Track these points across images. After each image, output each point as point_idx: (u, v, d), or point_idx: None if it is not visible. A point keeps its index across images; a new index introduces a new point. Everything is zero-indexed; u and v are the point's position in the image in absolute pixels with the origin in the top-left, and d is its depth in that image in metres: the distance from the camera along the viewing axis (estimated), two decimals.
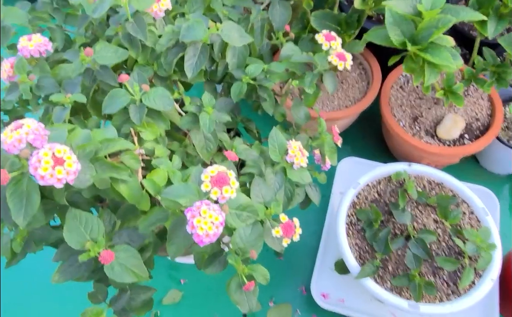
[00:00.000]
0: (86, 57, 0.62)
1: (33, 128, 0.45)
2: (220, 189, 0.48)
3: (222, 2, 0.84)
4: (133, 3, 0.66)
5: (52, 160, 0.42)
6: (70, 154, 0.44)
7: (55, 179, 0.42)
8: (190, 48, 0.69)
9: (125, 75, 0.61)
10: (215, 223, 0.45)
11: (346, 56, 0.78)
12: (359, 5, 0.93)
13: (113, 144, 0.51)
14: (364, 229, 0.82)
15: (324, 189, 0.97)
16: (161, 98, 0.61)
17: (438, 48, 0.78)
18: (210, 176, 0.48)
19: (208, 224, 0.45)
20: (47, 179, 0.42)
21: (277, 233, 0.55)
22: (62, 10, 0.84)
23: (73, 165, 0.43)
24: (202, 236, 0.45)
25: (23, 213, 0.45)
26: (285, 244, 0.56)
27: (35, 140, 0.44)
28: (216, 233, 0.45)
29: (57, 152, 0.43)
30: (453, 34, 1.05)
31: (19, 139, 0.44)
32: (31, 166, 0.42)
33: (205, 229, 0.44)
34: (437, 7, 0.79)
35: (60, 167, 0.42)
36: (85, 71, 0.65)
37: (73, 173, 0.43)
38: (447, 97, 0.95)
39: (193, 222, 0.45)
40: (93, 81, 0.65)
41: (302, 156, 0.65)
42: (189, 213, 0.46)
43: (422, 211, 0.84)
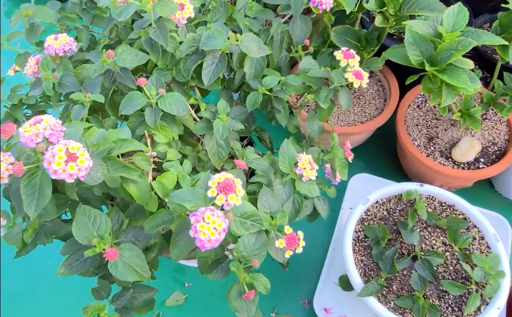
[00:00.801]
0: (108, 59, 0.65)
1: (51, 124, 0.47)
2: (225, 196, 0.49)
3: (244, 13, 0.86)
4: (157, 9, 0.68)
5: (65, 155, 0.44)
6: (83, 151, 0.46)
7: (67, 174, 0.44)
8: (209, 56, 0.71)
9: (143, 79, 0.63)
10: (218, 229, 0.46)
11: (363, 74, 0.78)
12: (380, 23, 0.94)
13: (126, 144, 0.53)
14: (371, 246, 0.82)
15: (334, 203, 0.97)
16: (177, 103, 0.63)
17: (457, 70, 0.78)
18: (217, 182, 0.50)
19: (211, 230, 0.46)
20: (59, 173, 0.44)
21: (280, 244, 0.55)
22: (90, 11, 0.87)
23: (85, 162, 0.45)
24: (204, 241, 0.46)
25: (34, 205, 0.47)
26: (288, 255, 0.57)
27: (51, 136, 0.47)
28: (218, 239, 0.46)
29: (71, 149, 0.45)
30: (474, 56, 1.04)
31: (37, 134, 0.46)
32: (45, 160, 0.44)
33: (207, 234, 0.45)
34: (458, 29, 0.79)
35: (73, 163, 0.44)
36: (106, 72, 0.67)
37: (84, 169, 0.45)
38: (464, 119, 0.95)
39: (196, 226, 0.46)
40: (113, 82, 0.67)
41: (312, 169, 0.65)
42: (193, 217, 0.47)
43: (431, 232, 0.83)
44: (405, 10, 0.88)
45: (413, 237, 0.80)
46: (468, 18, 0.80)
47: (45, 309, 1.01)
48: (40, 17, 0.79)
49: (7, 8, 2.04)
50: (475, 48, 0.82)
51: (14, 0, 2.08)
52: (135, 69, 0.73)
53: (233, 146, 0.71)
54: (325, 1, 0.75)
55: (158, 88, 0.64)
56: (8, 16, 1.97)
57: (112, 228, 0.52)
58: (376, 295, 0.77)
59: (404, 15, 0.89)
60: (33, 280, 1.05)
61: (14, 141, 0.51)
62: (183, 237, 0.51)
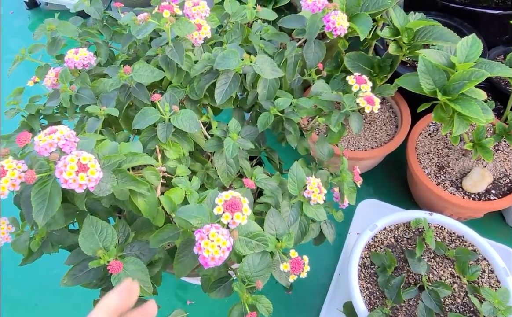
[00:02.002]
0: (125, 74, 0.66)
1: (65, 135, 0.48)
2: (232, 214, 0.49)
3: (259, 36, 0.87)
4: (174, 29, 0.69)
5: (77, 166, 0.45)
6: (95, 162, 0.47)
7: (77, 184, 0.45)
8: (223, 76, 0.72)
9: (158, 95, 0.64)
10: (222, 247, 0.46)
11: (375, 100, 0.78)
12: (393, 50, 0.94)
13: (137, 158, 0.54)
14: (377, 274, 0.81)
15: (341, 227, 0.97)
16: (189, 120, 0.64)
17: (469, 100, 0.78)
18: (224, 200, 0.50)
19: (215, 248, 0.45)
20: (69, 183, 0.45)
21: (285, 268, 0.55)
22: (111, 28, 0.90)
23: (95, 173, 0.46)
24: (207, 259, 0.46)
25: (43, 213, 0.47)
26: (292, 279, 0.56)
27: (65, 146, 0.48)
28: (222, 257, 0.46)
29: (82, 160, 0.46)
30: (488, 87, 1.04)
31: (51, 143, 0.47)
32: (57, 169, 0.45)
33: (211, 252, 0.45)
34: (471, 60, 0.79)
35: (83, 174, 0.45)
36: (122, 87, 0.68)
37: (94, 181, 0.46)
38: (475, 150, 0.94)
39: (200, 243, 0.46)
40: (128, 97, 0.68)
41: (320, 193, 0.65)
42: (198, 234, 0.47)
43: (439, 263, 0.82)
44: (419, 39, 0.89)
45: (420, 266, 0.79)
46: (482, 49, 0.80)
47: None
48: (62, 32, 0.81)
49: (31, 21, 2.12)
50: (488, 80, 0.82)
51: (39, 14, 2.15)
52: (150, 85, 0.75)
53: (242, 165, 0.72)
54: (339, 27, 0.76)
55: (171, 104, 0.65)
56: (32, 29, 2.04)
57: (118, 241, 0.53)
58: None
59: (418, 44, 0.89)
60: (36, 289, 1.06)
61: (28, 150, 0.52)
62: (187, 254, 0.52)
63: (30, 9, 2.19)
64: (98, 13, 0.87)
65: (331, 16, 0.75)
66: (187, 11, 0.75)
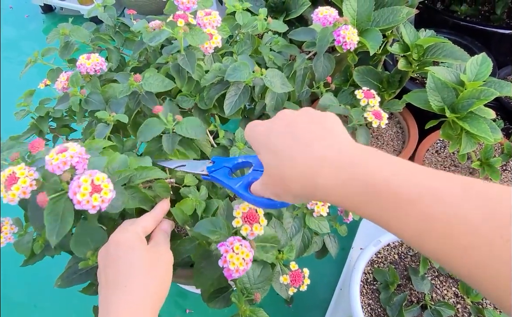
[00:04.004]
0: (135, 82, 0.67)
1: (77, 152, 0.47)
2: (250, 226, 0.50)
3: (270, 47, 0.88)
4: (188, 38, 0.70)
5: (90, 186, 0.45)
6: (108, 182, 0.46)
7: (90, 205, 0.44)
8: (233, 87, 0.72)
9: (160, 107, 0.63)
10: (246, 259, 0.47)
11: (382, 115, 0.78)
12: (403, 66, 0.94)
13: (147, 172, 0.54)
14: (379, 290, 0.80)
15: (344, 242, 0.96)
16: (194, 128, 0.64)
17: (477, 119, 0.78)
18: (242, 212, 0.50)
19: (240, 260, 0.47)
20: (83, 204, 0.44)
21: (284, 280, 0.55)
22: (123, 34, 0.91)
23: (108, 194, 0.45)
24: (232, 271, 0.47)
25: (56, 232, 0.47)
26: (291, 292, 0.56)
27: (78, 164, 0.47)
28: (246, 269, 0.47)
29: (96, 180, 0.45)
30: (497, 107, 1.04)
31: (64, 162, 0.46)
32: (71, 190, 0.45)
33: (236, 264, 0.46)
34: (481, 79, 0.79)
35: (97, 195, 0.45)
36: (131, 94, 0.69)
37: (107, 201, 0.46)
38: (483, 169, 0.93)
39: (226, 256, 0.47)
40: (137, 104, 0.69)
41: (323, 205, 0.65)
42: (222, 247, 0.48)
43: (443, 282, 0.81)
44: (429, 56, 0.89)
45: (423, 285, 0.78)
46: (491, 68, 0.80)
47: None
48: (75, 36, 0.83)
49: (46, 25, 2.16)
50: (497, 99, 0.82)
51: (53, 19, 2.19)
52: (160, 93, 0.75)
53: None
54: (349, 42, 0.76)
55: (174, 114, 0.65)
56: (46, 33, 2.08)
57: None
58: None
59: (428, 60, 0.89)
60: (36, 290, 1.06)
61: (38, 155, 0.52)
62: (206, 266, 0.52)
63: (45, 13, 2.23)
64: (111, 20, 0.88)
65: (342, 30, 0.75)
66: (199, 20, 0.76)
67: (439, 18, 1.29)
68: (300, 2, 1.07)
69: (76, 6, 2.04)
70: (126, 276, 0.44)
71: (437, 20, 1.29)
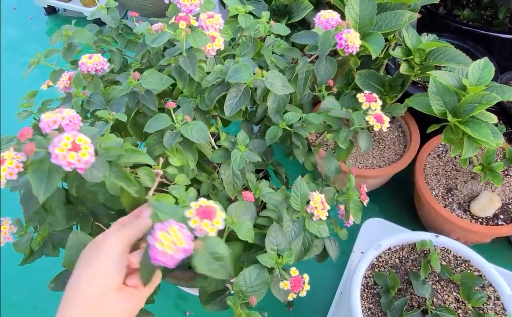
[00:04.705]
0: (134, 80, 0.67)
1: (70, 116, 0.49)
2: (201, 220, 0.45)
3: (272, 50, 0.88)
4: (189, 40, 0.70)
5: (70, 144, 0.45)
6: (89, 146, 0.46)
7: (66, 161, 0.45)
8: (233, 89, 0.73)
9: (172, 103, 0.64)
10: (178, 246, 0.42)
11: (384, 118, 0.78)
12: (405, 70, 0.94)
13: (136, 156, 0.53)
14: (380, 294, 0.80)
15: (345, 245, 0.96)
16: (198, 132, 0.64)
17: (479, 123, 0.78)
18: (199, 205, 0.46)
19: (169, 243, 0.41)
20: (59, 159, 0.44)
21: (284, 286, 0.54)
22: (126, 36, 0.91)
23: (86, 155, 0.45)
24: (158, 252, 0.41)
25: (43, 189, 0.47)
26: (291, 298, 0.55)
27: (67, 126, 0.48)
28: (174, 257, 0.42)
29: (77, 140, 0.46)
30: (499, 111, 1.04)
31: (55, 121, 0.48)
32: (52, 144, 0.45)
33: (164, 245, 0.41)
34: (483, 83, 0.79)
35: (74, 153, 0.45)
36: (131, 93, 0.69)
37: (84, 163, 0.45)
38: (485, 173, 0.93)
39: (157, 234, 0.42)
40: (137, 103, 0.69)
41: (323, 209, 0.65)
42: (159, 225, 0.43)
43: (444, 286, 0.81)
44: (431, 60, 0.89)
45: (424, 289, 0.78)
46: (494, 73, 0.80)
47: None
48: (78, 38, 0.83)
49: (49, 26, 2.16)
50: (499, 104, 0.82)
51: (57, 20, 2.20)
52: (161, 94, 0.75)
53: (248, 178, 0.72)
54: (351, 45, 0.76)
55: (185, 114, 0.65)
56: (49, 34, 2.09)
57: None
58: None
59: (430, 65, 0.90)
60: (35, 291, 1.06)
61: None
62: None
63: (49, 15, 2.24)
64: (114, 22, 0.88)
65: (344, 34, 0.75)
66: (202, 23, 0.76)
67: (442, 22, 1.29)
68: (303, 5, 1.07)
69: (80, 8, 2.05)
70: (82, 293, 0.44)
71: (439, 25, 1.29)
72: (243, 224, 0.60)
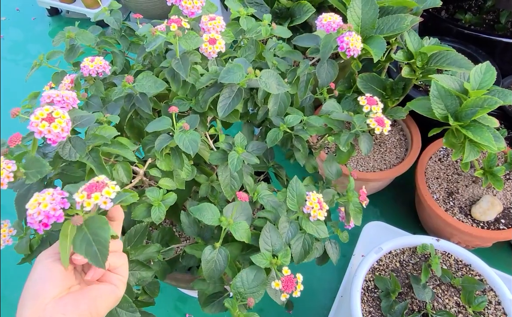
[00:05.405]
0: (127, 83, 0.67)
1: (64, 95, 0.51)
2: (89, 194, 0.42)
3: (273, 52, 0.88)
4: (181, 42, 0.70)
5: (46, 115, 0.46)
6: (64, 121, 0.47)
7: (37, 129, 0.46)
8: (226, 90, 0.72)
9: (175, 107, 0.64)
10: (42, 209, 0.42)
11: (385, 122, 0.78)
12: (406, 74, 0.94)
13: (119, 147, 0.54)
14: (380, 298, 0.80)
15: (345, 248, 0.96)
16: (191, 142, 0.63)
17: (481, 127, 0.78)
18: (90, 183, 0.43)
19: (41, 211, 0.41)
20: (32, 126, 0.46)
21: (276, 286, 0.53)
22: (128, 38, 0.91)
23: (57, 127, 0.47)
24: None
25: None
26: (284, 299, 0.54)
27: (58, 103, 0.50)
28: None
29: (55, 114, 0.47)
30: (501, 116, 1.04)
31: (49, 96, 0.50)
32: (32, 113, 0.47)
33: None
34: (484, 87, 0.79)
35: (46, 123, 0.46)
36: (126, 96, 0.69)
37: (54, 135, 0.47)
38: (486, 177, 0.93)
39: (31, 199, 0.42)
40: (132, 106, 0.69)
41: (320, 209, 0.63)
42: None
43: (445, 290, 0.81)
44: (433, 64, 0.89)
45: (425, 293, 0.78)
46: (495, 77, 0.80)
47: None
48: (80, 40, 0.83)
49: (52, 28, 2.17)
50: (501, 108, 0.82)
51: (59, 22, 2.21)
52: (159, 97, 0.75)
53: (245, 181, 0.71)
54: (353, 48, 0.76)
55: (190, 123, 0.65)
56: (52, 36, 2.10)
57: None
58: None
59: (431, 68, 0.89)
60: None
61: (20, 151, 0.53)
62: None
63: (52, 16, 2.25)
64: (117, 23, 0.88)
65: (345, 37, 0.75)
66: (203, 25, 0.76)
67: (444, 26, 1.29)
68: (305, 8, 1.07)
69: (83, 10, 2.06)
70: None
71: (441, 29, 1.29)
72: (239, 224, 0.59)
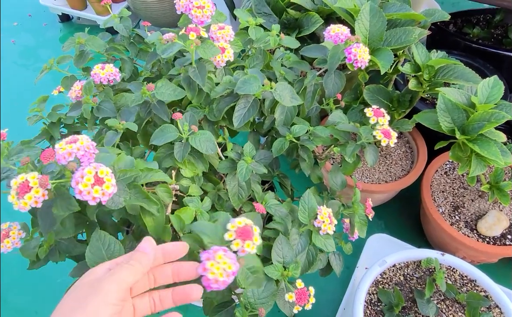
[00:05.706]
0: (147, 91, 0.68)
1: (85, 146, 0.49)
2: (242, 242, 0.47)
3: (281, 62, 0.89)
4: (199, 51, 0.70)
5: (93, 178, 0.46)
6: (111, 177, 0.47)
7: (90, 196, 0.45)
8: (242, 100, 0.73)
9: (179, 114, 0.65)
10: (227, 271, 0.44)
11: (392, 134, 0.78)
12: (413, 86, 0.94)
13: (152, 174, 0.54)
14: (383, 312, 0.79)
15: (349, 260, 0.95)
16: (206, 142, 0.65)
17: (488, 141, 0.78)
18: (237, 226, 0.48)
19: (220, 270, 0.44)
20: (84, 194, 0.45)
21: (290, 298, 0.54)
22: (137, 45, 0.92)
23: (110, 188, 0.46)
24: (211, 281, 0.44)
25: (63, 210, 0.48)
26: (296, 310, 0.55)
27: (83, 157, 0.49)
28: (226, 281, 0.44)
29: (100, 173, 0.46)
30: (508, 130, 1.03)
31: (70, 153, 0.48)
32: (73, 179, 0.46)
33: (216, 274, 0.43)
34: (492, 102, 0.79)
35: (98, 187, 0.46)
36: (143, 103, 0.70)
37: (108, 195, 0.46)
38: (492, 192, 0.92)
39: (206, 264, 0.44)
40: (148, 113, 0.70)
41: (330, 223, 0.65)
42: (204, 254, 0.45)
43: (449, 306, 0.80)
44: (440, 77, 0.89)
45: (429, 308, 0.77)
46: (503, 91, 0.80)
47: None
48: (90, 46, 0.84)
49: (63, 34, 2.20)
50: (508, 122, 0.81)
51: (70, 28, 2.24)
52: (170, 104, 0.76)
53: (254, 189, 0.72)
54: (360, 60, 0.77)
55: (191, 124, 0.66)
56: (62, 41, 2.13)
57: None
58: None
59: (439, 81, 0.89)
60: (38, 297, 1.06)
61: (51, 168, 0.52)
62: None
63: (63, 22, 2.28)
64: (126, 31, 0.90)
65: (353, 48, 0.76)
66: (213, 34, 0.77)
67: (451, 40, 1.29)
68: (313, 19, 1.08)
69: (93, 16, 2.09)
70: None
71: (449, 42, 1.30)
72: None
